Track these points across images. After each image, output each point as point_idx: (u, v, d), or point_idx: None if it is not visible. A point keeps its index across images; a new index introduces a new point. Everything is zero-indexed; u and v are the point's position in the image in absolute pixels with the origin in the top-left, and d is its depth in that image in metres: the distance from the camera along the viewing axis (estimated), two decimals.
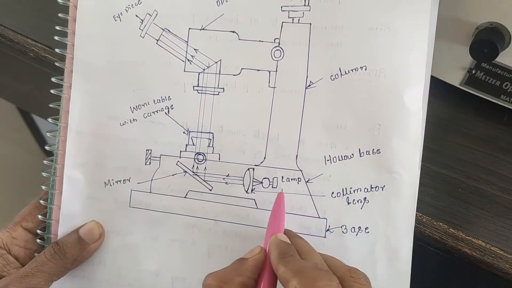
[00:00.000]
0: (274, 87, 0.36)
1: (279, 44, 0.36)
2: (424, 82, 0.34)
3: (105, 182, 0.39)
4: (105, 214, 0.39)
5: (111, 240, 0.39)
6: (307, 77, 0.36)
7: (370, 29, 0.34)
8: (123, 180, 0.39)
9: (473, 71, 0.39)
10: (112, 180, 0.39)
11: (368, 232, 0.35)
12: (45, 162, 0.39)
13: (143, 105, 0.38)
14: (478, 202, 0.38)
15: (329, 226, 0.36)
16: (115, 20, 0.38)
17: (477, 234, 0.37)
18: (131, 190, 0.39)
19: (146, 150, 0.39)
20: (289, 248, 0.31)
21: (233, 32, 0.37)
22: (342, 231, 0.36)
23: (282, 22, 0.36)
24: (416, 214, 0.37)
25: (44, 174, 0.39)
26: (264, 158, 0.37)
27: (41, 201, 0.39)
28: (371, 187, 0.35)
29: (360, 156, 0.35)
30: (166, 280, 0.38)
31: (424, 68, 0.34)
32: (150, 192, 0.39)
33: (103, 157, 0.39)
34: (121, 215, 0.39)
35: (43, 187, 0.39)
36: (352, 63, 0.35)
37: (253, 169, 0.37)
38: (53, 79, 0.39)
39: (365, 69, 0.35)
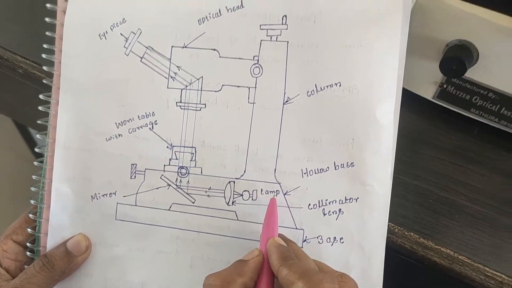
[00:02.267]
0: (254, 103, 0.38)
1: (258, 61, 0.38)
2: (395, 97, 0.36)
3: (91, 196, 0.40)
4: (92, 227, 0.40)
5: (98, 252, 0.40)
6: (285, 93, 0.37)
7: (343, 46, 0.36)
8: (109, 194, 0.40)
9: (445, 86, 0.41)
10: (99, 193, 0.40)
11: (343, 242, 0.37)
12: (33, 177, 0.40)
13: (128, 121, 0.40)
14: (448, 212, 0.39)
15: (306, 236, 0.37)
16: (101, 39, 0.40)
17: (446, 244, 0.38)
18: (117, 203, 0.40)
19: (131, 164, 0.40)
20: (289, 251, 0.32)
21: (214, 50, 0.38)
22: (318, 241, 0.37)
23: (261, 40, 0.37)
24: (388, 225, 0.38)
25: (32, 188, 0.40)
26: (244, 171, 0.38)
27: (30, 215, 0.40)
28: (346, 199, 0.37)
29: (335, 169, 0.37)
30: None
31: (395, 84, 0.35)
32: (136, 205, 0.40)
33: (90, 171, 0.40)
34: (107, 228, 0.40)
35: (32, 202, 0.40)
36: (327, 80, 0.36)
37: (234, 182, 0.38)
38: (41, 96, 0.40)
39: (340, 85, 0.36)
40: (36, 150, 0.41)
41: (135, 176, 0.40)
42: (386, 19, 0.35)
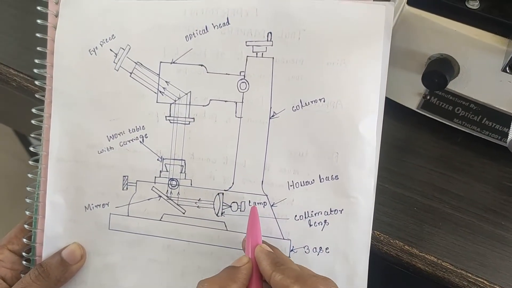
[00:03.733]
0: (241, 117, 0.39)
1: (244, 76, 0.39)
2: (378, 112, 0.37)
3: (85, 206, 0.41)
4: (86, 236, 0.41)
5: (92, 261, 0.42)
6: (271, 108, 0.38)
7: (327, 63, 0.37)
8: (102, 205, 0.41)
9: (428, 97, 0.42)
10: (92, 204, 0.41)
11: (328, 252, 0.38)
12: (28, 189, 0.41)
13: (119, 134, 0.41)
14: (432, 220, 0.40)
15: (293, 246, 0.38)
16: (91, 54, 0.41)
17: (429, 251, 0.39)
18: (110, 213, 0.41)
19: (123, 176, 0.41)
20: (277, 257, 0.33)
21: (202, 65, 0.39)
22: (305, 251, 0.38)
23: (247, 56, 0.38)
24: (373, 232, 0.39)
25: (27, 200, 0.41)
26: (233, 183, 0.39)
27: (26, 226, 0.41)
28: (331, 210, 0.38)
29: (320, 181, 0.38)
30: None
31: (378, 99, 0.36)
32: (128, 216, 0.41)
33: (83, 183, 0.41)
34: (101, 237, 0.41)
35: (27, 213, 0.41)
36: (311, 96, 0.37)
37: (223, 193, 0.39)
38: (33, 110, 0.41)
39: (324, 101, 0.37)
40: (30, 163, 0.42)
41: (127, 188, 0.41)
42: (369, 37, 0.36)
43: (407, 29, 0.39)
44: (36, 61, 0.41)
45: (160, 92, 0.40)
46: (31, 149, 0.42)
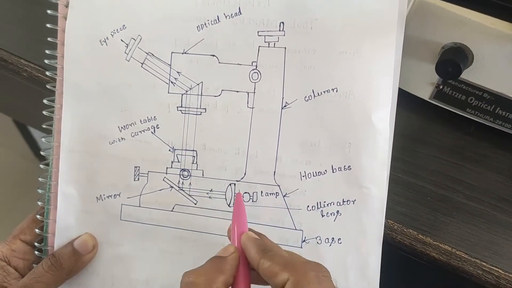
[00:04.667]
0: (253, 108, 0.39)
1: (256, 67, 0.38)
2: (391, 102, 0.36)
3: (97, 197, 0.41)
4: (98, 227, 0.41)
5: (104, 251, 0.42)
6: (283, 98, 0.38)
7: (340, 53, 0.37)
8: (114, 195, 0.41)
9: (441, 87, 0.42)
10: (104, 195, 0.41)
11: (340, 243, 0.38)
12: (40, 179, 0.41)
13: (131, 125, 0.41)
14: (445, 209, 0.40)
15: (305, 237, 0.38)
16: (102, 44, 0.40)
17: (444, 240, 0.39)
18: (122, 204, 0.41)
19: (135, 167, 0.41)
20: (265, 244, 0.32)
21: (213, 56, 0.39)
22: (317, 242, 0.38)
23: (259, 46, 0.38)
24: (387, 222, 0.39)
25: (39, 190, 0.41)
26: (245, 174, 0.39)
27: (38, 216, 0.41)
28: (343, 201, 0.38)
29: (333, 172, 0.38)
30: None
31: (391, 90, 0.36)
32: (139, 206, 0.41)
33: (95, 173, 0.41)
34: (113, 228, 0.41)
35: (39, 203, 0.41)
36: (324, 85, 0.37)
37: (234, 184, 0.39)
38: (44, 101, 0.41)
39: (336, 91, 0.37)
40: (42, 153, 0.42)
41: (138, 178, 0.41)
42: (382, 27, 0.36)
43: (420, 17, 0.39)
44: (47, 51, 0.40)
45: (172, 82, 0.40)
46: (43, 140, 0.42)
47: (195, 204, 0.40)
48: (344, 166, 0.37)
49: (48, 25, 0.40)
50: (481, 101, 0.41)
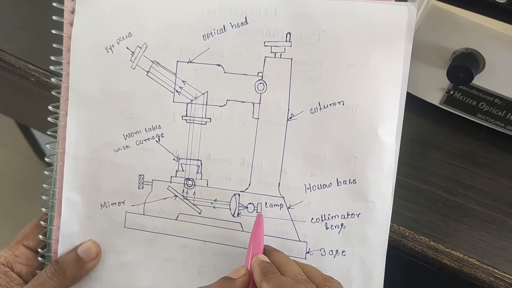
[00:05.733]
0: (258, 118, 0.38)
1: (262, 77, 0.38)
2: (398, 116, 0.36)
3: (101, 204, 0.41)
4: (102, 234, 0.41)
5: (108, 259, 0.41)
6: (288, 109, 0.38)
7: (347, 66, 0.36)
8: (118, 203, 0.41)
9: (451, 92, 0.42)
10: (108, 202, 0.41)
11: (344, 255, 0.38)
12: (44, 186, 0.41)
13: (135, 133, 0.40)
14: (457, 215, 0.40)
15: (309, 249, 0.38)
16: (107, 52, 0.40)
17: (455, 246, 0.39)
18: (126, 212, 0.41)
19: (139, 175, 0.40)
20: (269, 266, 0.34)
21: (219, 65, 0.39)
22: (321, 254, 0.38)
23: (265, 56, 0.38)
24: (398, 228, 0.40)
25: (43, 197, 0.41)
26: (249, 185, 0.39)
27: (42, 222, 0.41)
28: (348, 214, 0.37)
29: (338, 185, 0.37)
30: None
31: (398, 103, 0.36)
32: (144, 214, 0.41)
33: (99, 180, 0.41)
34: (116, 235, 0.41)
35: (43, 210, 0.41)
36: (330, 98, 0.37)
37: (239, 195, 0.39)
38: (49, 107, 0.41)
39: (343, 104, 0.37)
40: (46, 159, 0.42)
41: (142, 187, 0.41)
42: (390, 39, 0.36)
43: (432, 23, 0.39)
44: (52, 58, 0.40)
45: (177, 91, 0.40)
46: (48, 146, 0.41)
47: (199, 213, 0.40)
48: (349, 179, 0.37)
49: (53, 31, 0.40)
50: (492, 107, 0.41)
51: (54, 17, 0.40)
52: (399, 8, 0.35)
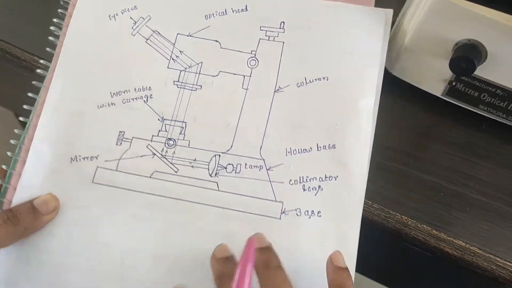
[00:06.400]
0: (247, 89, 0.41)
1: (255, 55, 0.41)
2: (376, 92, 0.40)
3: (71, 158, 0.40)
4: (66, 189, 0.39)
5: (67, 213, 0.39)
6: (276, 83, 0.41)
7: (334, 50, 0.41)
8: (91, 157, 0.40)
9: (454, 83, 0.42)
10: (80, 156, 0.40)
11: (320, 216, 0.38)
12: (16, 131, 0.40)
13: (124, 92, 0.41)
14: (459, 205, 0.40)
15: (285, 209, 0.38)
16: (110, 19, 0.42)
17: (457, 235, 0.39)
18: (97, 166, 0.39)
19: (119, 131, 0.40)
20: None
21: (216, 41, 0.42)
22: (297, 214, 0.38)
23: (260, 38, 0.42)
24: (401, 218, 0.40)
25: (12, 141, 0.40)
26: (231, 147, 0.40)
27: (3, 166, 0.39)
28: (326, 177, 0.38)
29: (318, 150, 0.39)
30: (117, 252, 0.38)
31: (376, 81, 0.40)
32: (116, 170, 0.39)
33: (75, 135, 0.40)
34: (82, 190, 0.39)
35: (8, 153, 0.39)
36: (316, 74, 0.41)
37: (219, 155, 0.39)
38: (38, 71, 0.41)
39: (327, 80, 0.40)
40: (25, 107, 0.41)
41: (121, 143, 0.40)
42: (371, 34, 0.41)
43: (435, 14, 0.39)
44: (50, 38, 0.42)
45: (173, 59, 0.42)
46: (29, 94, 0.40)
47: (176, 172, 0.39)
48: (329, 144, 0.39)
49: (54, 20, 0.42)
50: (494, 98, 0.41)
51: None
52: (379, 11, 0.42)
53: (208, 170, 0.39)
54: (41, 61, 0.42)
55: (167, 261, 0.37)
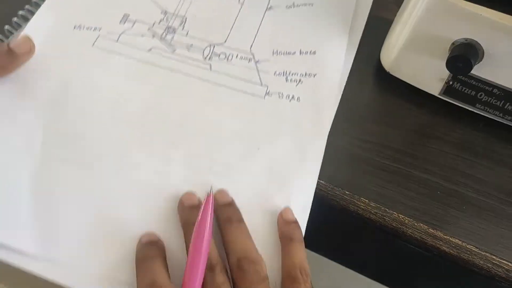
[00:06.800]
0: (243, 4, 0.48)
1: None
2: (350, 24, 0.47)
3: (75, 25, 0.45)
4: (65, 50, 0.43)
5: (65, 73, 0.42)
6: (269, 2, 0.48)
7: None
8: (94, 28, 0.45)
9: (451, 82, 0.42)
10: (83, 25, 0.45)
11: (299, 101, 0.43)
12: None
13: None
14: (456, 204, 0.40)
15: (269, 91, 0.43)
16: None
17: (454, 234, 0.39)
18: (99, 35, 0.44)
19: (125, 13, 0.46)
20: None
21: None
22: (279, 96, 0.43)
23: None
24: (398, 216, 0.40)
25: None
26: (226, 41, 0.45)
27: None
28: (306, 74, 0.44)
29: (300, 54, 0.45)
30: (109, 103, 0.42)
31: (351, 17, 0.47)
32: (117, 41, 0.44)
33: (81, 5, 0.46)
34: (79, 53, 0.43)
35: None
36: (303, 2, 0.48)
37: (215, 46, 0.45)
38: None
39: (312, 6, 0.48)
40: None
41: (124, 22, 0.45)
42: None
43: (431, 13, 0.39)
44: None
45: None
46: None
47: (173, 52, 0.44)
48: (310, 50, 0.45)
49: None
50: (491, 97, 0.41)
51: None
52: None
53: (203, 54, 0.44)
54: None
55: (157, 120, 0.41)
